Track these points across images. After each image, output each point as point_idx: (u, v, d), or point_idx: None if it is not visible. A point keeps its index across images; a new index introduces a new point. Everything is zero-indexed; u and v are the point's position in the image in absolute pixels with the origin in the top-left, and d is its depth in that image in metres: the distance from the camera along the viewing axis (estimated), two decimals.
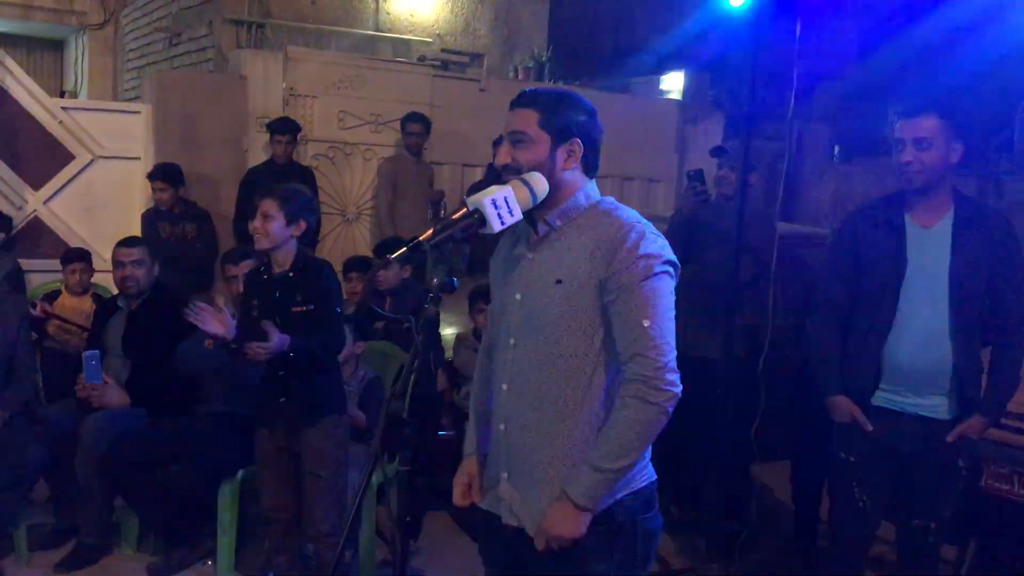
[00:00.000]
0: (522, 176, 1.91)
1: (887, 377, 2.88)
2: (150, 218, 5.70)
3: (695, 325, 4.10)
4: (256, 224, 3.27)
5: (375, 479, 3.78)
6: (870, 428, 2.91)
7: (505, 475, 2.05)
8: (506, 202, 1.85)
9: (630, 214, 1.96)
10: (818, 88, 10.20)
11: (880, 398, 2.91)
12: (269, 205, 3.26)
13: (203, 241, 5.76)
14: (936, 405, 2.84)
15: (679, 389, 1.88)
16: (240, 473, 3.69)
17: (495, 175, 6.96)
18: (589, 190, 2.01)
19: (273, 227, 3.25)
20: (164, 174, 5.63)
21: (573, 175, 1.98)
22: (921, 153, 2.75)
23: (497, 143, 6.37)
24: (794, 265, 4.20)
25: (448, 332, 5.55)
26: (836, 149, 11.20)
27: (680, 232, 4.25)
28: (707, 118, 8.83)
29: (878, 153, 10.23)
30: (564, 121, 1.95)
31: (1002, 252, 2.81)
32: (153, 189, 5.64)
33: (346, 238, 6.99)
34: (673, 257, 1.94)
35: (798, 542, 4.06)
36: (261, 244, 3.30)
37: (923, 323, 2.81)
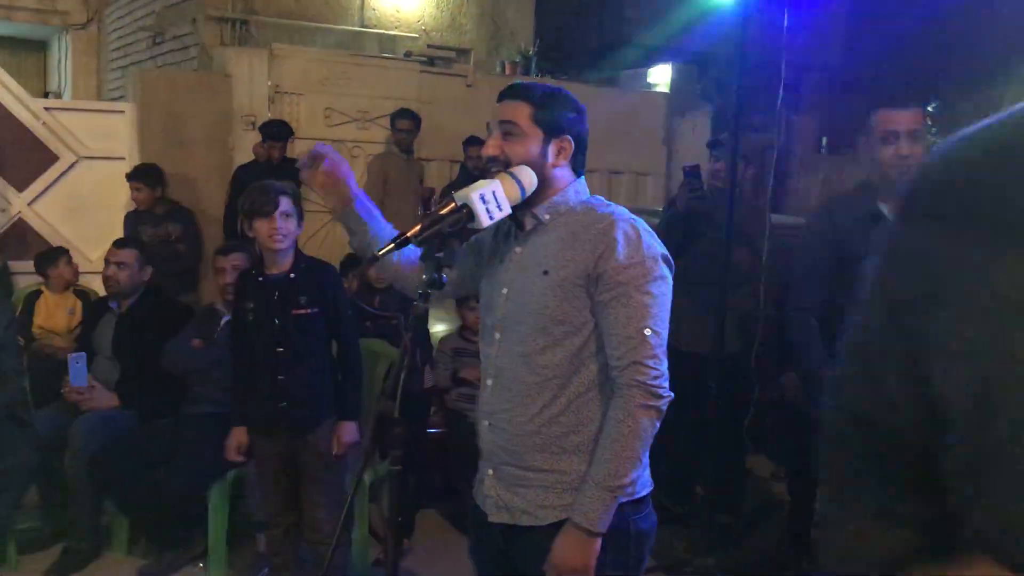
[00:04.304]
0: (510, 170, 1.89)
1: None
2: (132, 219, 5.65)
3: (688, 320, 4.10)
4: (279, 224, 3.12)
5: (367, 478, 3.76)
6: None
7: (490, 471, 2.03)
8: (494, 196, 1.82)
9: (622, 211, 1.94)
10: (805, 79, 10.21)
11: None
12: (288, 204, 3.15)
13: (187, 241, 5.71)
14: None
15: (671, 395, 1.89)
16: (231, 474, 3.66)
17: (469, 177, 7.02)
18: (579, 186, 1.99)
19: (292, 226, 3.17)
20: (139, 174, 5.58)
21: (563, 172, 1.96)
22: (915, 146, 2.75)
23: (468, 142, 6.44)
24: (784, 256, 4.19)
25: (438, 329, 5.52)
26: (824, 140, 11.22)
27: (675, 228, 4.23)
28: (695, 111, 8.82)
29: None
30: (556, 117, 1.93)
31: None
32: (131, 189, 5.60)
33: (333, 237, 6.95)
34: (666, 251, 1.93)
35: (792, 533, 4.05)
36: (282, 244, 3.15)
37: None
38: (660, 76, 9.55)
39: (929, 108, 2.82)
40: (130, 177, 5.58)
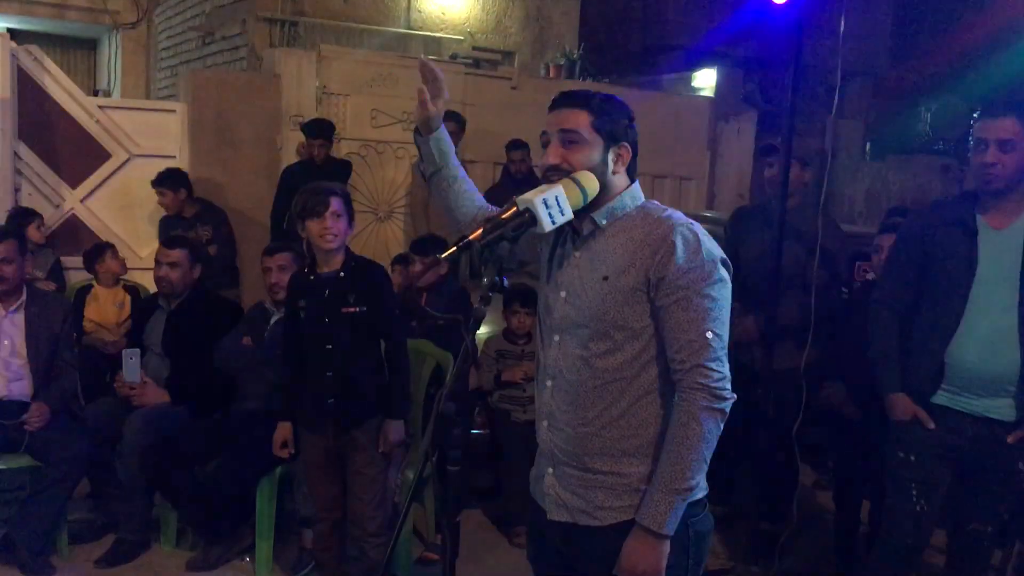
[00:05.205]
0: (573, 176, 1.89)
1: (951, 378, 2.83)
2: (165, 225, 5.71)
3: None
4: (329, 224, 3.17)
5: (411, 476, 3.79)
6: (932, 425, 2.87)
7: (550, 470, 2.04)
8: (557, 201, 1.83)
9: (679, 216, 1.95)
10: (851, 85, 10.09)
11: (942, 397, 2.86)
12: (339, 204, 3.20)
13: (219, 242, 5.71)
14: (1001, 407, 2.79)
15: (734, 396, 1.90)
16: (278, 470, 3.70)
17: (511, 180, 6.93)
18: (635, 191, 2.00)
19: (343, 226, 3.22)
20: (160, 180, 5.61)
21: (620, 178, 1.98)
22: (1004, 155, 2.72)
23: (513, 147, 6.44)
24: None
25: (483, 331, 5.52)
26: (868, 146, 11.10)
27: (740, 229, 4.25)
28: (739, 115, 8.77)
29: (910, 150, 10.15)
30: (616, 124, 1.95)
31: None
32: (156, 195, 5.66)
33: (378, 236, 7.01)
34: (724, 255, 1.93)
35: (837, 543, 4.01)
36: (333, 244, 3.21)
37: (991, 325, 2.76)
38: (705, 80, 9.51)
39: None
40: (153, 184, 5.62)
